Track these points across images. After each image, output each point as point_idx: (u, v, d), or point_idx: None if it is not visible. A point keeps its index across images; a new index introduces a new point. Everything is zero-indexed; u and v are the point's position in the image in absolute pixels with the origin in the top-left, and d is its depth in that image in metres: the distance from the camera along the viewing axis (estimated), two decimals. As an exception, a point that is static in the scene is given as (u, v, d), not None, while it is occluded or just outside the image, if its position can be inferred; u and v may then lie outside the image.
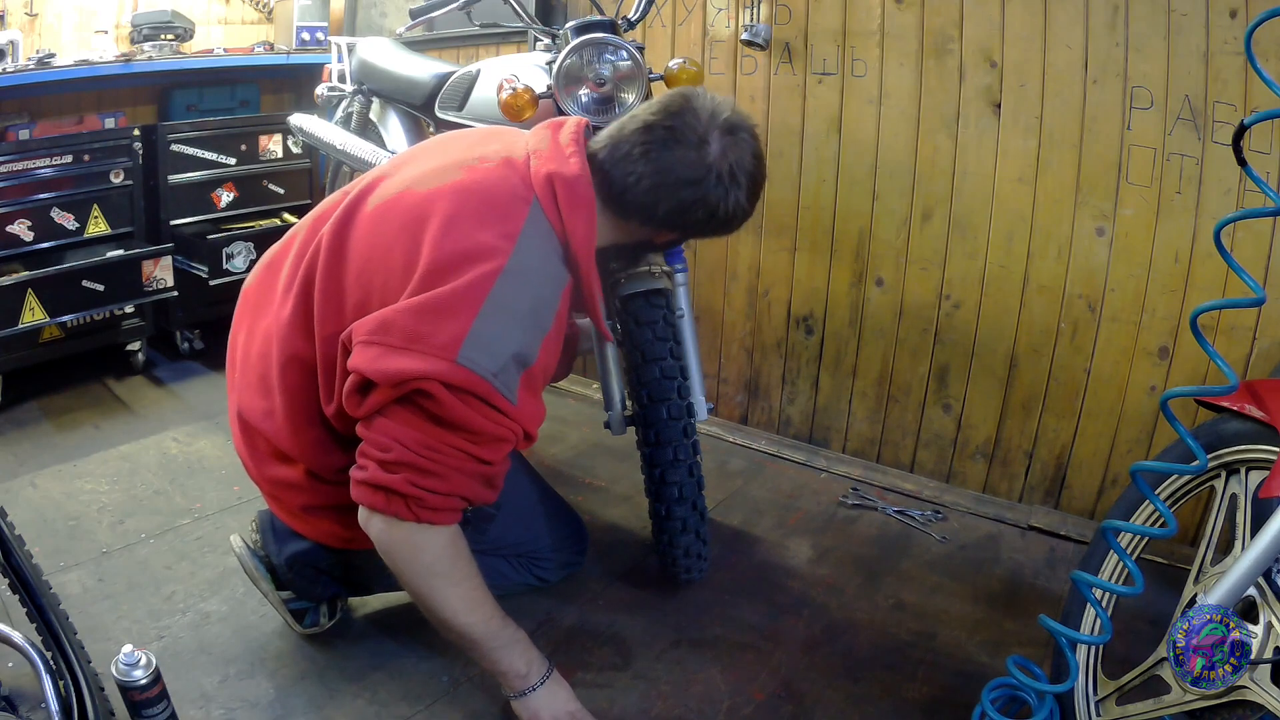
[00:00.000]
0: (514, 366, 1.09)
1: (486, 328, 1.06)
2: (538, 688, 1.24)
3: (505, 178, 1.15)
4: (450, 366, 1.05)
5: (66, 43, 2.73)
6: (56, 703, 1.05)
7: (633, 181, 1.16)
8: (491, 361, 1.06)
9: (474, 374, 1.06)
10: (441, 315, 1.06)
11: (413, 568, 1.15)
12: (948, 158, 1.88)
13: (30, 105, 2.63)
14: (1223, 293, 1.60)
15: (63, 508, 1.86)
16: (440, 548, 1.15)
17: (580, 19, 1.58)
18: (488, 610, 1.20)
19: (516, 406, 1.10)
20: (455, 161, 1.20)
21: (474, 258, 1.08)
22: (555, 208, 1.14)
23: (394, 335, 1.07)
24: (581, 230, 1.14)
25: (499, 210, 1.12)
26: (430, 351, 1.05)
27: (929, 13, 1.83)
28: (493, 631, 1.20)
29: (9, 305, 2.22)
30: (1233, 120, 1.53)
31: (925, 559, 1.76)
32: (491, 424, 1.10)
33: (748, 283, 2.25)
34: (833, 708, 1.36)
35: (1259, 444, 1.05)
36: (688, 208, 1.17)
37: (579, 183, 1.15)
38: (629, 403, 1.58)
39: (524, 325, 1.10)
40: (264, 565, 1.42)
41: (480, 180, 1.15)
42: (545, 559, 1.54)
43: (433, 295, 1.07)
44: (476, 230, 1.10)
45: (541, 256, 1.13)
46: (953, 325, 1.96)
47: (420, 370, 1.05)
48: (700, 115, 1.16)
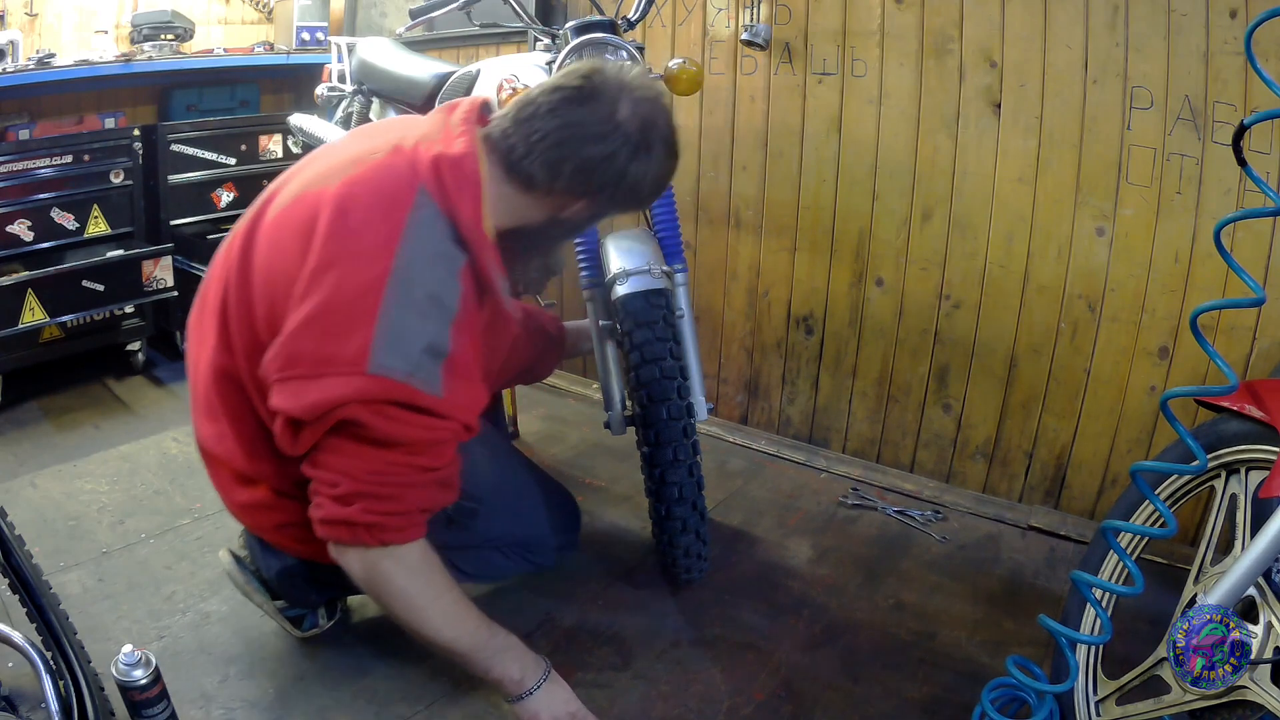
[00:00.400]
0: (429, 359, 1.07)
1: (388, 329, 1.04)
2: (535, 690, 1.23)
3: (391, 165, 1.12)
4: (365, 380, 1.04)
5: (66, 43, 2.73)
6: (56, 703, 1.05)
7: (537, 139, 1.11)
8: (403, 361, 1.05)
9: (389, 379, 1.04)
10: (341, 329, 1.05)
11: (390, 590, 1.16)
12: (948, 158, 1.88)
13: (30, 105, 2.63)
14: (1223, 293, 1.60)
15: (63, 508, 1.86)
16: (412, 567, 1.15)
17: (580, 19, 1.58)
18: (471, 622, 1.20)
19: (445, 398, 1.09)
20: (349, 157, 1.16)
21: (361, 254, 1.06)
22: (442, 190, 1.10)
23: (303, 365, 1.06)
24: (468, 208, 1.10)
25: (385, 200, 1.09)
26: (341, 370, 1.04)
27: (929, 13, 1.83)
28: (480, 643, 1.20)
29: (9, 305, 2.22)
30: (1233, 120, 1.53)
31: (925, 559, 1.76)
32: (425, 430, 1.09)
33: (748, 283, 2.25)
34: (833, 708, 1.36)
35: (1259, 444, 1.05)
36: (594, 166, 1.12)
37: (465, 160, 1.11)
38: (629, 403, 1.58)
39: (426, 315, 1.07)
40: (255, 578, 1.42)
41: (367, 173, 1.12)
42: (538, 545, 1.51)
43: (328, 308, 1.05)
44: (362, 224, 1.08)
45: (431, 242, 1.09)
46: (953, 325, 1.96)
47: (339, 395, 1.04)
48: (609, 78, 1.13)
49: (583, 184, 1.14)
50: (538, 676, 1.24)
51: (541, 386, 2.59)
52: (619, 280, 1.48)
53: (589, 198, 1.16)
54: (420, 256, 1.08)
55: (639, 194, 1.18)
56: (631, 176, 1.14)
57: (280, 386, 1.08)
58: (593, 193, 1.16)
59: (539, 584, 1.65)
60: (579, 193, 1.16)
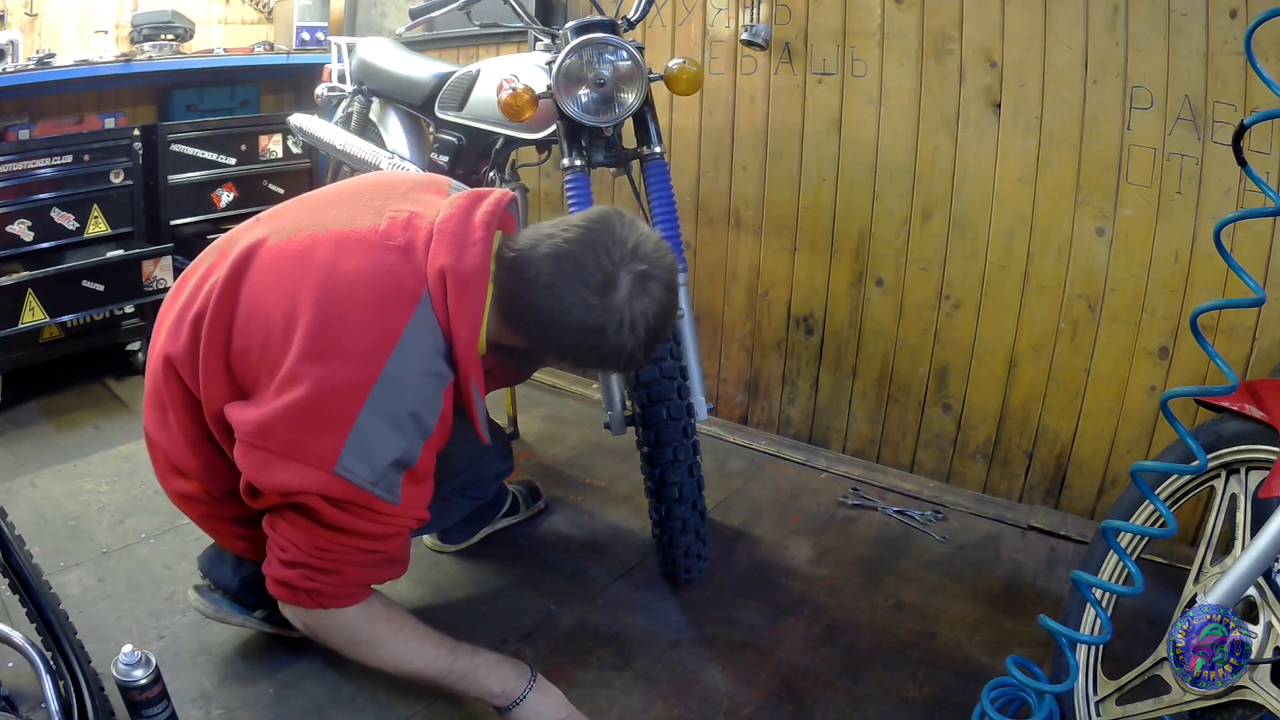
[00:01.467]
0: (394, 471, 1.08)
1: (363, 438, 1.04)
2: (522, 701, 1.22)
3: (399, 266, 1.09)
4: (328, 478, 1.05)
5: (66, 43, 2.73)
6: (56, 703, 1.05)
7: (529, 313, 1.11)
8: (369, 471, 1.06)
9: (351, 484, 1.05)
10: (319, 425, 1.05)
11: (336, 641, 1.19)
12: (948, 158, 1.88)
13: (30, 105, 2.63)
14: (1223, 293, 1.60)
15: (63, 508, 1.86)
16: (353, 621, 1.17)
17: (580, 19, 1.58)
18: (430, 651, 1.20)
19: (401, 505, 1.11)
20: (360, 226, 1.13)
21: (353, 356, 1.05)
22: (444, 305, 1.08)
23: (274, 442, 1.06)
24: (466, 332, 1.09)
25: (384, 303, 1.07)
26: (309, 461, 1.05)
27: (929, 13, 1.83)
28: (443, 669, 1.20)
29: (9, 305, 2.22)
30: (1233, 120, 1.53)
31: (925, 559, 1.76)
32: (377, 525, 1.12)
33: (748, 283, 2.25)
34: (833, 708, 1.36)
35: (1259, 444, 1.05)
36: (581, 351, 1.13)
37: (473, 281, 1.08)
38: (629, 403, 1.57)
39: (403, 431, 1.07)
40: (226, 601, 1.41)
41: (373, 266, 1.08)
42: (477, 482, 1.55)
43: (311, 400, 1.04)
44: (359, 325, 1.05)
45: (422, 358, 1.08)
46: (953, 325, 1.96)
47: (300, 484, 1.05)
48: (613, 253, 1.08)
49: (568, 356, 1.16)
50: (522, 687, 1.22)
51: (541, 386, 2.59)
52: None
53: (572, 363, 1.20)
54: (410, 371, 1.07)
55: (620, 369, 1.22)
56: (614, 362, 1.14)
57: (249, 450, 1.09)
58: (576, 361, 1.17)
59: (539, 584, 1.65)
60: (562, 359, 1.19)
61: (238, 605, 1.41)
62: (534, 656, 1.46)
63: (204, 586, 1.42)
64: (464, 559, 1.71)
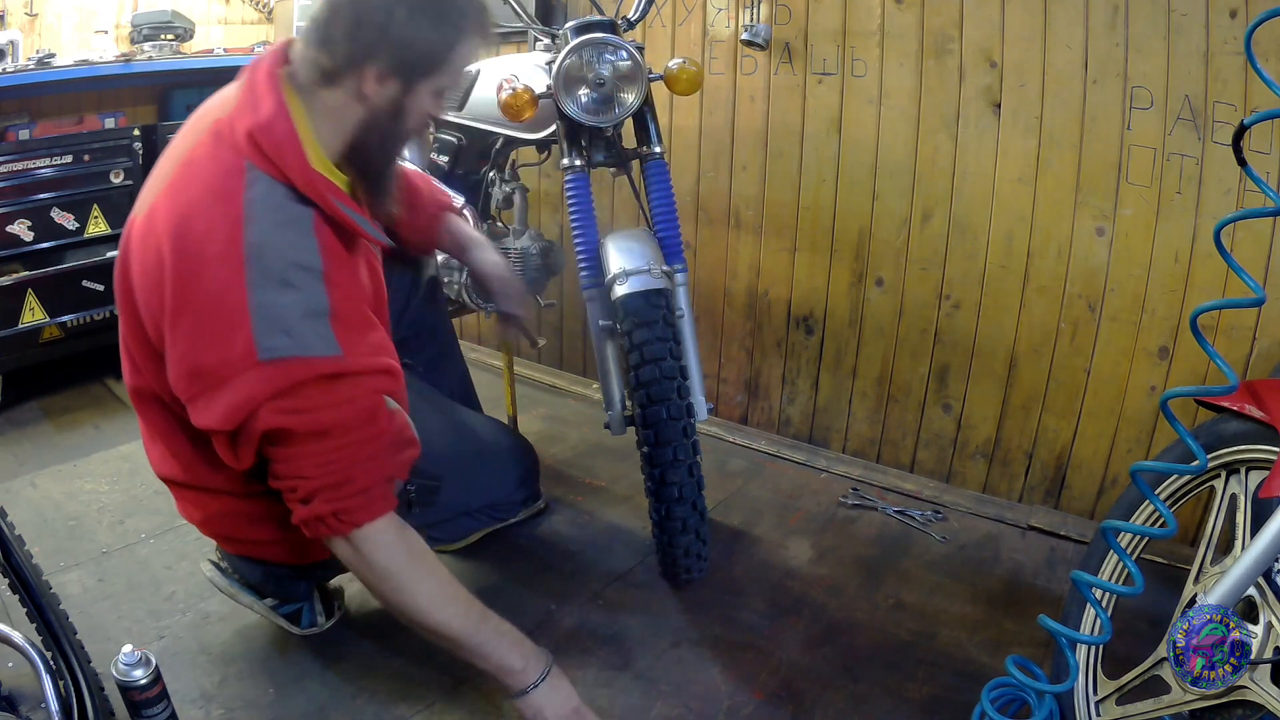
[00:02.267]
0: (312, 323, 1.06)
1: (264, 313, 1.03)
2: (539, 685, 1.20)
3: (215, 156, 1.09)
4: (261, 371, 1.03)
5: (66, 43, 2.73)
6: (56, 703, 1.05)
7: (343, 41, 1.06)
8: (287, 336, 1.04)
9: (281, 359, 1.03)
10: (221, 333, 1.04)
11: (375, 573, 1.15)
12: (948, 158, 1.88)
13: (30, 105, 2.63)
14: (1223, 293, 1.60)
15: (63, 508, 1.86)
16: (390, 545, 1.15)
17: (580, 19, 1.58)
18: (461, 606, 1.19)
19: (346, 355, 1.08)
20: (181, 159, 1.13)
21: (213, 258, 1.04)
22: (266, 158, 1.07)
23: (203, 379, 1.06)
24: (293, 159, 1.07)
25: (219, 195, 1.07)
26: (237, 370, 1.04)
27: (929, 13, 1.83)
28: (471, 627, 1.18)
29: (9, 305, 2.22)
30: (1233, 120, 1.53)
31: (925, 559, 1.76)
32: (344, 401, 1.09)
33: (748, 283, 2.25)
34: (833, 708, 1.36)
35: (1259, 444, 1.05)
36: (359, 18, 1.04)
37: (275, 122, 1.07)
38: (629, 403, 1.58)
39: (293, 283, 1.05)
40: (237, 582, 1.43)
41: (195, 169, 1.09)
42: (504, 503, 1.56)
43: (201, 320, 1.04)
44: (205, 230, 1.05)
45: (271, 211, 1.07)
46: (953, 325, 1.96)
47: (246, 394, 1.04)
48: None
49: (361, 47, 1.06)
50: (540, 670, 1.21)
51: (541, 386, 2.59)
52: (619, 280, 1.48)
53: (375, 63, 1.07)
54: (266, 231, 1.05)
55: (416, 49, 1.08)
56: (398, 22, 1.05)
57: (193, 406, 1.09)
58: (373, 54, 1.06)
59: (539, 583, 1.65)
60: (361, 58, 1.07)
61: (251, 589, 1.42)
62: (534, 656, 1.46)
63: (224, 567, 1.44)
64: (463, 559, 1.71)
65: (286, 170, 1.07)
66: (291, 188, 1.08)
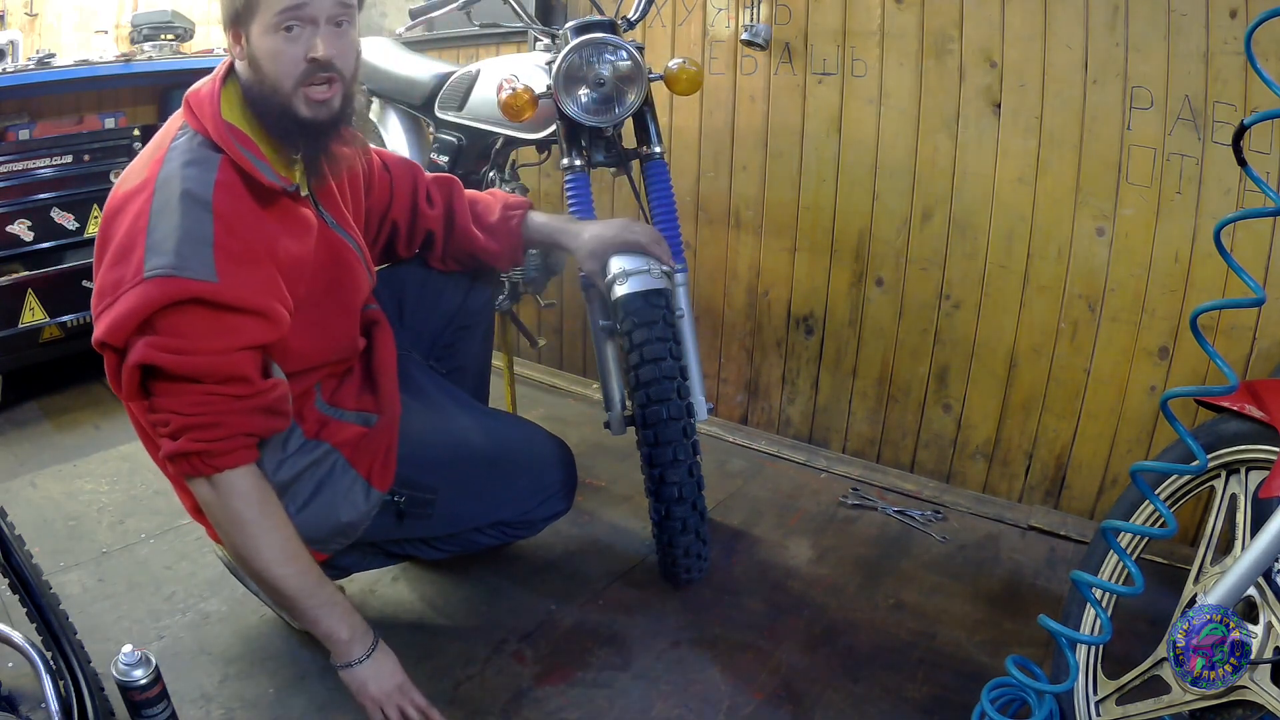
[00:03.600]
0: (192, 247, 1.11)
1: (154, 236, 1.11)
2: (365, 659, 1.24)
3: (166, 128, 1.22)
4: (144, 286, 1.09)
5: (66, 43, 2.74)
6: (56, 703, 1.05)
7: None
8: (169, 257, 1.09)
9: (162, 278, 1.08)
10: (124, 255, 1.12)
11: (228, 517, 1.19)
12: (948, 158, 1.88)
13: (30, 105, 2.63)
14: (1223, 293, 1.60)
15: (63, 508, 1.86)
16: (244, 492, 1.18)
17: (580, 19, 1.58)
18: (303, 565, 1.22)
19: (221, 283, 1.11)
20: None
21: (129, 194, 1.15)
22: (194, 115, 1.19)
23: (105, 296, 1.14)
24: (209, 112, 1.17)
25: (150, 150, 1.20)
26: (128, 285, 1.10)
27: (929, 13, 1.83)
28: (308, 588, 1.22)
29: (9, 305, 2.22)
30: (1233, 120, 1.53)
31: (925, 559, 1.76)
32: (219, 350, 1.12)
33: (748, 283, 2.25)
34: (833, 708, 1.36)
35: (1259, 444, 1.05)
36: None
37: (206, 85, 1.20)
38: (629, 403, 1.58)
39: (183, 211, 1.12)
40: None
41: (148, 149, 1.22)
42: (518, 522, 1.50)
43: (117, 247, 1.14)
44: (133, 176, 1.18)
45: (183, 154, 1.16)
46: (953, 325, 1.96)
47: (128, 308, 1.10)
48: None
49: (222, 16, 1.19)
50: (366, 646, 1.25)
51: (541, 386, 2.59)
52: (619, 280, 1.48)
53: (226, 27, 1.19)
54: (173, 169, 1.14)
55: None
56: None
57: (97, 324, 1.16)
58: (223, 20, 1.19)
59: (539, 584, 1.66)
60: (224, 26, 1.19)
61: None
62: (534, 657, 1.46)
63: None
64: (463, 559, 1.70)
65: (204, 120, 1.18)
66: (206, 139, 1.18)
